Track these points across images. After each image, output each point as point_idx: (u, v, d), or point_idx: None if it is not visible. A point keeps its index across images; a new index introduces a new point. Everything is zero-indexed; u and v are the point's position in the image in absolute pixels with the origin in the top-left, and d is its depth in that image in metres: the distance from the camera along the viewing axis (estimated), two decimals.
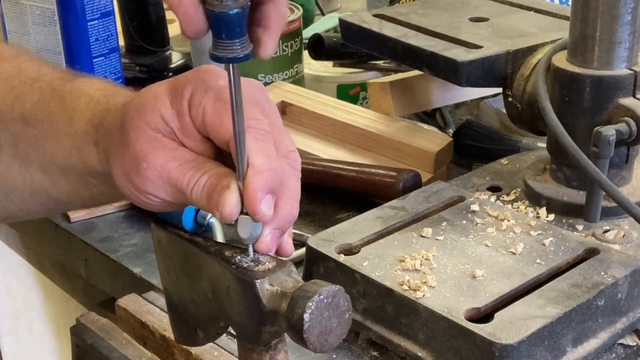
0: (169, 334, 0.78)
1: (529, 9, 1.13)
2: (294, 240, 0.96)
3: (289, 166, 0.59)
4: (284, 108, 1.20)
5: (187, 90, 0.58)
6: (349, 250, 0.81)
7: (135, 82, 1.33)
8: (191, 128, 0.58)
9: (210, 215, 0.94)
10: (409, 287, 0.75)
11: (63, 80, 0.67)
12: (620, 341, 0.78)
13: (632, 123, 0.83)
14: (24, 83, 0.67)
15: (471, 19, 1.09)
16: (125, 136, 0.59)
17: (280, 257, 0.58)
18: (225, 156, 0.60)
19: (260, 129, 0.57)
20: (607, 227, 0.87)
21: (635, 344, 0.79)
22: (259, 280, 0.55)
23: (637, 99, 0.86)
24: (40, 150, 0.65)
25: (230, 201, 0.56)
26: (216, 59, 0.53)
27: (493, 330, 0.69)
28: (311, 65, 1.36)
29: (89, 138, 0.63)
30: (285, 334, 0.56)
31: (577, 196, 0.89)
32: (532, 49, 0.97)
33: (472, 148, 1.15)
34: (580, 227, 0.87)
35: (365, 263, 0.78)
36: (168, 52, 1.39)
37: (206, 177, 0.57)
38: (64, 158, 0.64)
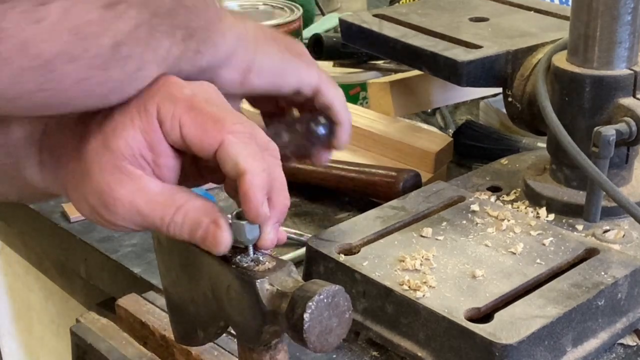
0: (169, 334, 0.78)
1: (529, 9, 1.13)
2: (293, 240, 0.96)
3: (272, 157, 0.58)
4: None
5: (151, 105, 0.55)
6: (349, 250, 0.81)
7: None
8: (162, 144, 0.56)
9: None
10: (409, 287, 0.75)
11: None
12: (620, 341, 0.78)
13: (632, 123, 0.83)
14: None
15: (471, 19, 1.09)
16: (87, 167, 0.56)
17: (280, 257, 0.58)
18: (199, 166, 0.61)
19: (245, 132, 0.56)
20: (607, 227, 0.87)
21: (635, 344, 0.79)
22: (259, 280, 0.55)
23: (637, 99, 0.86)
24: None
25: (226, 240, 0.56)
26: None
27: (493, 330, 0.69)
28: None
29: (30, 154, 0.60)
30: (285, 334, 0.56)
31: (577, 196, 0.89)
32: (532, 49, 0.97)
33: (472, 148, 1.15)
34: (580, 227, 0.87)
35: (365, 263, 0.78)
36: None
37: (182, 214, 0.56)
38: None
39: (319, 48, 1.28)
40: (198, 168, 0.63)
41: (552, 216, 0.89)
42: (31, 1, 0.48)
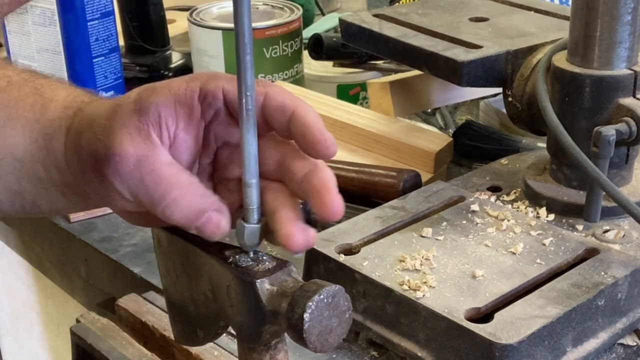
0: (169, 334, 0.78)
1: (529, 9, 1.13)
2: None
3: None
4: None
5: (194, 82, 0.57)
6: (349, 250, 0.81)
7: (135, 82, 1.33)
8: (191, 119, 0.57)
9: None
10: (409, 287, 0.75)
11: (32, 74, 0.64)
12: (620, 341, 0.78)
13: (632, 123, 0.83)
14: None
15: (471, 19, 1.09)
16: (109, 124, 0.56)
17: (280, 257, 0.58)
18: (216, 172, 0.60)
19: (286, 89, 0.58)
20: (607, 227, 0.87)
21: (635, 344, 0.79)
22: (259, 280, 0.55)
23: (637, 99, 0.86)
24: None
25: (226, 226, 0.55)
26: None
27: (493, 330, 0.69)
28: (311, 65, 1.36)
29: (60, 125, 0.60)
30: (285, 334, 0.56)
31: (577, 196, 0.89)
32: (532, 49, 0.97)
33: (472, 148, 1.15)
34: (580, 227, 0.87)
35: (365, 263, 0.78)
36: (168, 52, 1.39)
37: (186, 200, 0.55)
38: (27, 147, 0.61)
39: (319, 48, 1.28)
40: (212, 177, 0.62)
41: (552, 216, 0.89)
42: None
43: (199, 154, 0.59)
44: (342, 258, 0.79)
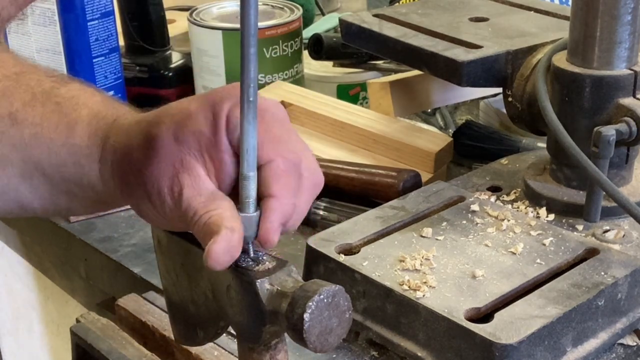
0: (169, 333, 0.78)
1: (529, 9, 1.13)
2: None
3: (311, 186, 0.60)
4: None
5: (225, 105, 0.58)
6: (349, 250, 0.81)
7: (135, 82, 1.33)
8: (224, 144, 0.58)
9: None
10: (409, 287, 0.75)
11: (53, 82, 0.64)
12: (620, 341, 0.78)
13: (632, 123, 0.83)
14: (7, 77, 0.63)
15: (471, 19, 1.09)
16: (153, 154, 0.58)
17: (280, 257, 0.58)
18: None
19: (294, 161, 0.58)
20: (607, 227, 0.87)
21: (635, 344, 0.79)
22: (259, 280, 0.55)
23: (637, 99, 0.86)
24: (25, 153, 0.61)
25: (216, 250, 0.55)
26: None
27: (493, 330, 0.69)
28: (311, 65, 1.36)
29: (91, 153, 0.61)
30: (285, 334, 0.56)
31: (577, 196, 0.89)
32: (532, 49, 0.97)
33: (472, 148, 1.15)
34: (580, 227, 0.87)
35: (365, 263, 0.78)
36: (168, 52, 1.39)
37: (208, 216, 0.56)
38: (54, 167, 0.62)
39: (319, 48, 1.28)
40: None
41: (552, 216, 0.89)
42: None
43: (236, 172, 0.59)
44: (342, 258, 0.79)
